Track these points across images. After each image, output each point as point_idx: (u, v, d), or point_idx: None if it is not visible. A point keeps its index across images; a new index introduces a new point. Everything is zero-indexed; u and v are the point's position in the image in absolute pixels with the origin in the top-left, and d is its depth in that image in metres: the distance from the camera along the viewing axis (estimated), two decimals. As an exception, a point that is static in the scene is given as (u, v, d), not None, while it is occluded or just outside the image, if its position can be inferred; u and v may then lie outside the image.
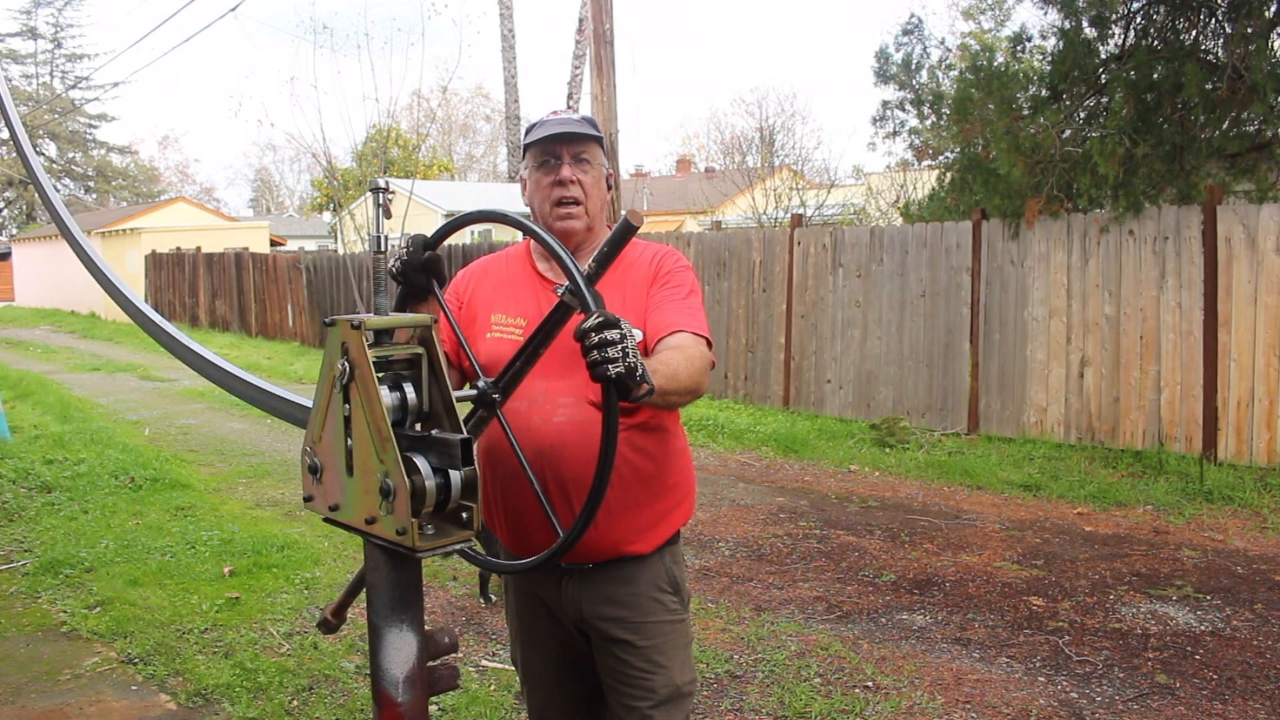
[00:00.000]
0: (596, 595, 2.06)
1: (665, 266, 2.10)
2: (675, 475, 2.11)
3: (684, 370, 1.84)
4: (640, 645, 2.05)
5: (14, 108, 3.11)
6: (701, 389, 1.92)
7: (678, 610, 2.11)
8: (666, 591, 2.09)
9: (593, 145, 2.08)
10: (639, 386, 1.58)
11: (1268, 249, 6.73)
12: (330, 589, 4.79)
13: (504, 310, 2.11)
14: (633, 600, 2.06)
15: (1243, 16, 7.27)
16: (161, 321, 2.47)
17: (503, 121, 29.96)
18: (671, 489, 2.10)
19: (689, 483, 2.18)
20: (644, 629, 2.05)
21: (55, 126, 42.91)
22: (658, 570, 2.09)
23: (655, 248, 2.16)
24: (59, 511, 6.18)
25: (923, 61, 10.28)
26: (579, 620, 2.10)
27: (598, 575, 2.06)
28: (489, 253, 2.33)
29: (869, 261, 8.99)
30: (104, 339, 19.75)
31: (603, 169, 2.12)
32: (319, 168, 23.29)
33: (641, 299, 2.04)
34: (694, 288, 2.09)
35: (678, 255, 2.15)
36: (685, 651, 2.11)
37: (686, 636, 2.13)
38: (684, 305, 2.03)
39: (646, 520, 2.05)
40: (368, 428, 1.53)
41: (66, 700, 3.67)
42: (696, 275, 2.17)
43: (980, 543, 5.57)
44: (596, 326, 1.54)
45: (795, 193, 15.72)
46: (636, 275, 2.08)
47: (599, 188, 2.10)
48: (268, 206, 56.86)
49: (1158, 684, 3.76)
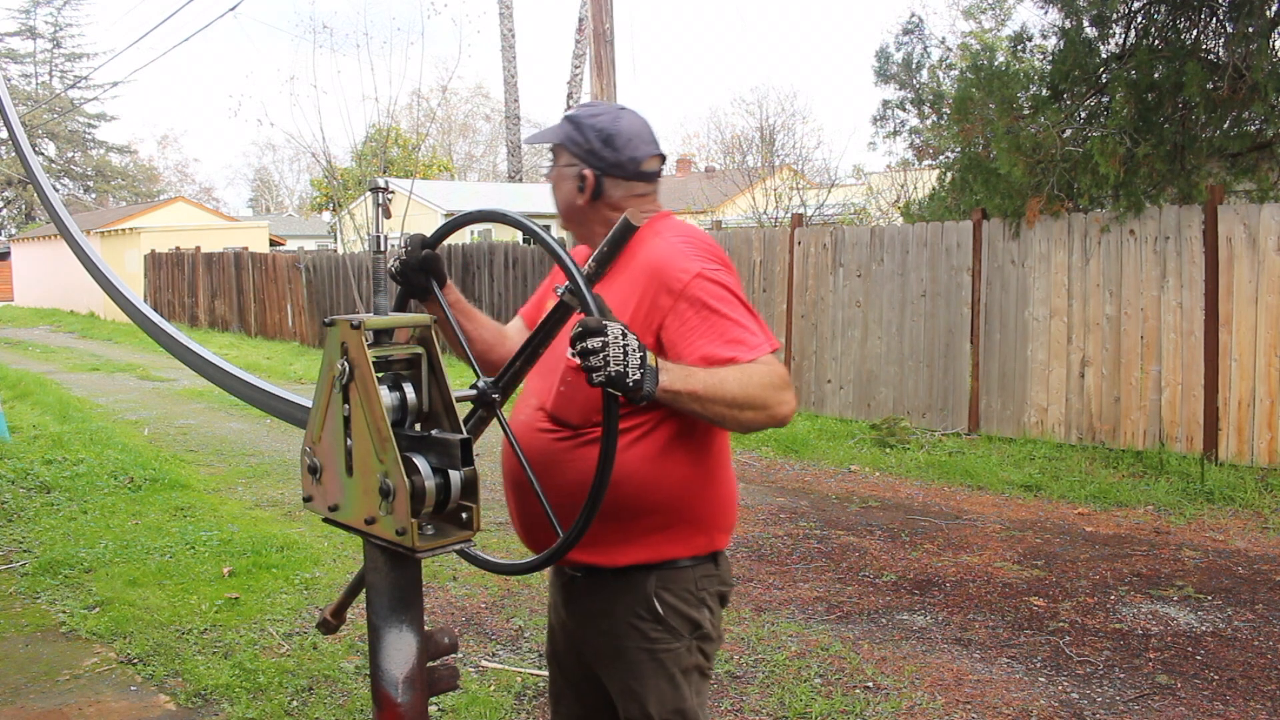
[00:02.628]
0: (584, 609, 2.04)
1: (672, 289, 1.90)
2: (661, 497, 1.94)
3: (737, 384, 1.73)
4: (615, 670, 2.00)
5: (13, 107, 3.10)
6: (772, 406, 1.76)
7: (661, 639, 1.98)
8: (644, 619, 1.98)
9: (557, 149, 2.07)
10: (633, 391, 1.57)
11: (1269, 249, 6.72)
12: (330, 589, 4.78)
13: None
14: (607, 623, 2.00)
15: (1244, 16, 7.26)
16: (161, 321, 2.46)
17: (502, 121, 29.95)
18: (651, 511, 1.94)
19: (689, 511, 1.98)
20: (621, 653, 1.99)
21: (54, 126, 42.90)
22: (638, 595, 1.98)
23: (660, 252, 1.95)
24: (58, 512, 6.17)
25: (923, 61, 10.29)
26: (579, 631, 2.08)
27: (587, 586, 2.03)
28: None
29: (869, 261, 8.98)
30: (103, 339, 19.74)
31: (571, 168, 2.03)
32: (318, 167, 23.28)
33: (629, 310, 1.90)
34: (717, 296, 1.87)
35: (687, 256, 1.92)
36: (667, 684, 1.98)
37: (670, 668, 1.98)
38: (723, 328, 1.84)
39: (617, 532, 1.93)
40: (367, 428, 1.52)
41: (65, 701, 3.66)
42: (713, 267, 1.92)
43: (981, 543, 5.56)
44: (576, 336, 1.56)
45: (795, 192, 15.71)
46: (634, 282, 1.95)
47: (565, 185, 2.06)
48: (267, 206, 56.85)
49: (1159, 684, 3.75)
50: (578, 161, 2.02)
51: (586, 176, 2.02)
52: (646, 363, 1.60)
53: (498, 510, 6.30)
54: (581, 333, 1.55)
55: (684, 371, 1.70)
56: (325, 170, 20.16)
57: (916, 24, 10.32)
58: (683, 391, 1.68)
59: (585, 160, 2.01)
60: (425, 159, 30.83)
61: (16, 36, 45.20)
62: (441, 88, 37.44)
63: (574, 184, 2.03)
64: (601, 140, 2.00)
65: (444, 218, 24.61)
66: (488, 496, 6.67)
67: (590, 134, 2.01)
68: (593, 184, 2.01)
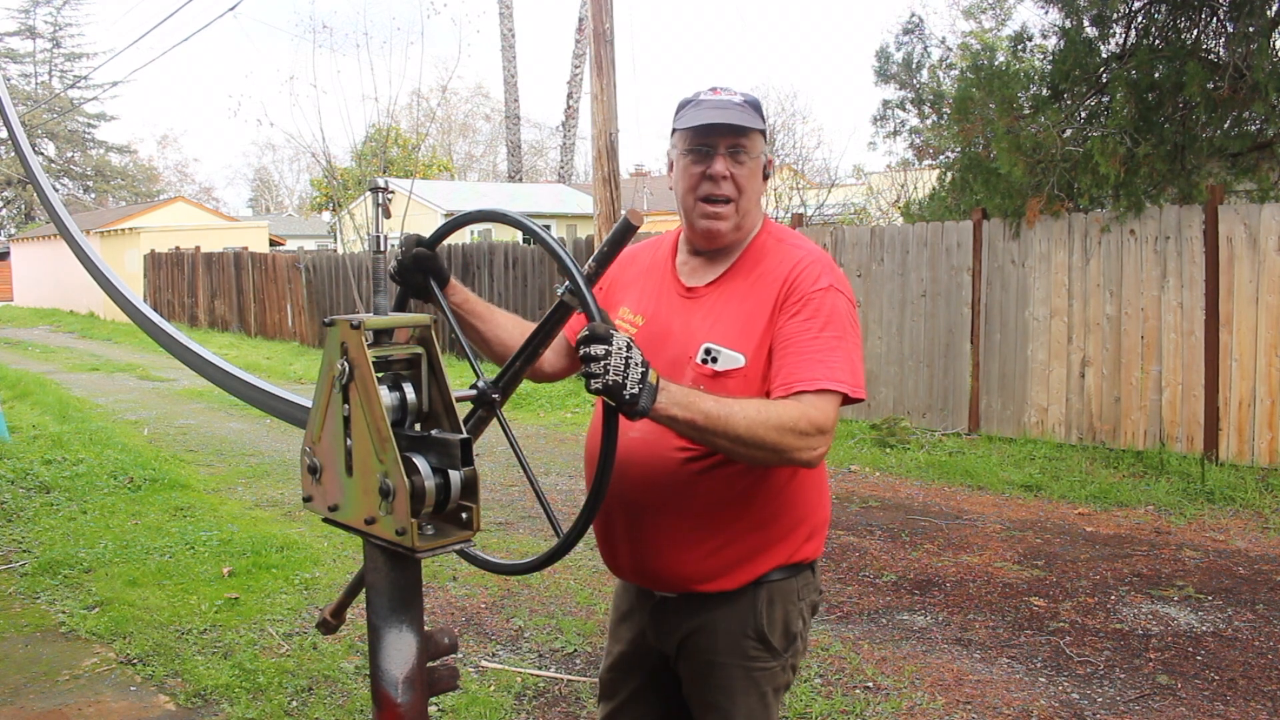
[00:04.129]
0: (676, 628, 1.95)
1: (803, 287, 1.81)
2: (774, 508, 1.87)
3: (746, 421, 1.62)
4: (705, 686, 1.93)
5: (13, 107, 3.10)
6: (788, 451, 1.66)
7: (759, 658, 1.91)
8: (749, 638, 1.90)
9: (753, 135, 1.84)
10: (627, 404, 1.54)
11: (1269, 249, 6.72)
12: (329, 589, 4.78)
13: (629, 304, 1.99)
14: (707, 640, 1.91)
15: (1244, 16, 7.26)
16: (160, 321, 2.46)
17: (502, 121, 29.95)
18: (766, 524, 1.87)
19: (801, 516, 1.92)
20: (713, 669, 1.91)
21: (54, 126, 42.90)
22: (745, 614, 1.90)
23: (797, 256, 1.85)
24: (58, 512, 6.17)
25: (923, 61, 10.29)
26: (663, 650, 2.00)
27: (681, 608, 1.93)
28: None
29: (869, 261, 8.98)
30: (103, 339, 19.74)
31: (761, 158, 1.88)
32: (318, 167, 23.28)
33: (760, 321, 1.81)
34: (836, 314, 1.79)
35: (824, 268, 1.83)
36: (758, 701, 1.92)
37: (764, 686, 1.92)
38: (820, 346, 1.75)
39: (728, 557, 1.87)
40: (367, 428, 1.52)
41: (65, 701, 3.66)
42: (845, 294, 1.83)
43: (981, 543, 5.56)
44: (583, 339, 1.53)
45: (796, 192, 15.70)
46: (767, 289, 1.83)
47: (754, 180, 1.87)
48: (267, 206, 56.87)
49: (1159, 684, 3.75)
50: (764, 149, 1.89)
51: (770, 162, 1.92)
52: (647, 379, 1.56)
53: (498, 510, 6.30)
54: (587, 337, 1.53)
55: (687, 398, 1.61)
56: (325, 170, 20.16)
57: (916, 24, 10.32)
58: (680, 418, 1.61)
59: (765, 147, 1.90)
60: (425, 159, 30.83)
61: (16, 36, 45.26)
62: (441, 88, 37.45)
63: (761, 175, 1.90)
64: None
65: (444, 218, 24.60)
66: (488, 497, 6.66)
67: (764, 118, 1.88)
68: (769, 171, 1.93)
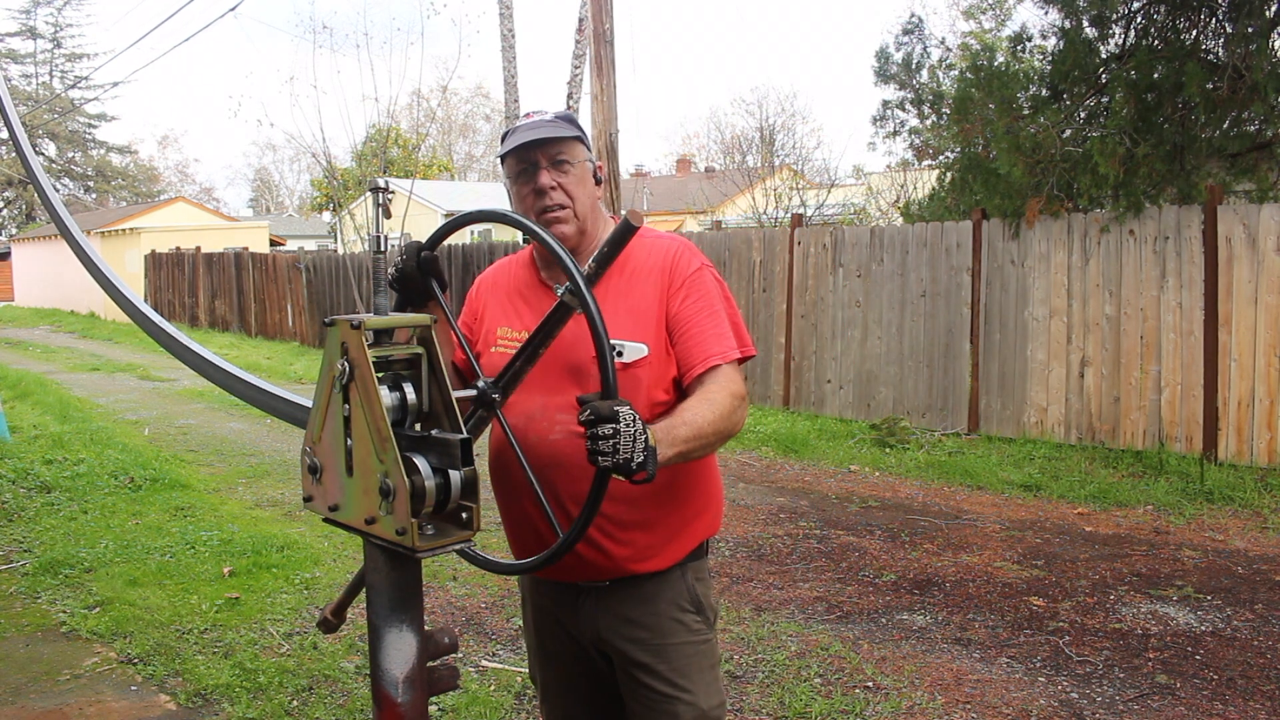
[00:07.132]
0: (614, 615, 1.98)
1: (682, 271, 1.96)
2: (692, 484, 1.99)
3: (711, 425, 1.78)
4: (661, 669, 1.95)
5: (13, 108, 3.11)
6: (734, 431, 1.86)
7: (701, 630, 2.00)
8: (688, 611, 1.98)
9: (570, 144, 1.94)
10: (635, 473, 1.57)
11: (1268, 249, 6.72)
12: (330, 589, 4.78)
13: (509, 323, 2.03)
14: (652, 621, 1.96)
15: (1243, 16, 7.26)
16: (161, 321, 2.47)
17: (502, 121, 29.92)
18: (687, 500, 1.98)
19: (711, 492, 2.05)
20: (665, 651, 1.95)
21: (55, 126, 42.88)
22: (679, 588, 1.98)
23: (665, 246, 2.00)
24: (58, 512, 6.18)
25: (923, 61, 10.28)
26: (597, 641, 2.01)
27: (615, 594, 1.97)
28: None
29: (869, 261, 8.98)
30: (103, 339, 19.74)
31: (587, 164, 1.98)
32: (319, 167, 23.30)
33: (652, 308, 1.93)
34: (715, 290, 1.97)
35: (693, 253, 2.00)
36: (711, 674, 2.00)
37: (712, 657, 2.02)
38: (715, 322, 1.93)
39: (660, 536, 1.95)
40: (367, 428, 1.52)
41: (66, 701, 3.66)
42: (714, 269, 2.03)
43: (980, 543, 5.56)
44: (590, 421, 1.55)
45: (795, 192, 15.71)
46: (647, 280, 1.95)
47: (584, 186, 1.97)
48: (267, 206, 56.84)
49: (1158, 684, 3.76)
50: (586, 155, 1.99)
51: (600, 168, 2.01)
52: (650, 444, 1.60)
53: (497, 510, 6.31)
54: (594, 419, 1.55)
55: (669, 436, 1.70)
56: (325, 170, 20.17)
57: (916, 24, 10.30)
58: (673, 456, 1.71)
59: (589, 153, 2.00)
60: (425, 159, 30.85)
61: (16, 36, 45.18)
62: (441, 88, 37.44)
63: (591, 178, 2.00)
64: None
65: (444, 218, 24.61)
66: (488, 497, 6.64)
67: (580, 127, 2.01)
68: (599, 176, 2.03)
